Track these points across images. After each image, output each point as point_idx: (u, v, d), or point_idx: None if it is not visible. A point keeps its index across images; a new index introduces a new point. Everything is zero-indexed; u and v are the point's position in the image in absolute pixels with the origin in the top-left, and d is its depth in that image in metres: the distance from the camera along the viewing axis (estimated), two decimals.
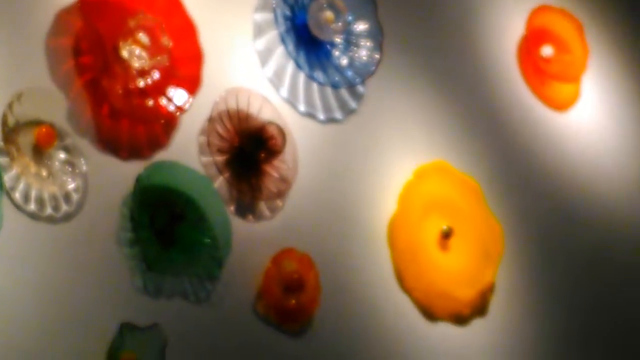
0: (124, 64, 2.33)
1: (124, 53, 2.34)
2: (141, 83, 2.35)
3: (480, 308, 2.83)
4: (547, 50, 3.11)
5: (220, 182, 2.45)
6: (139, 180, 2.29)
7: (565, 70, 3.15)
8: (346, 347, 2.60)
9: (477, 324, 2.81)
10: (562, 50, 3.15)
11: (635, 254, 3.27)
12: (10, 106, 2.14)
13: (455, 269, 2.79)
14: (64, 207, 2.22)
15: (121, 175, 2.31)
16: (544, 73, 3.10)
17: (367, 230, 2.70)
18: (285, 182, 2.53)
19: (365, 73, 2.71)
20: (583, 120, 3.23)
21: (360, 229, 2.69)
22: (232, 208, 2.46)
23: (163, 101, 2.38)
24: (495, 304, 2.86)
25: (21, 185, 2.18)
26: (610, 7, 3.43)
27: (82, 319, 2.20)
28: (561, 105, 3.15)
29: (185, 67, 2.43)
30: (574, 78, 3.18)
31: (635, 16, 3.49)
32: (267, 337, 2.46)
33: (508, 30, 3.14)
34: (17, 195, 2.16)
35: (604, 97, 3.33)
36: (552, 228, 3.08)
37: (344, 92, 2.72)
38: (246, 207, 2.49)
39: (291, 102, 2.62)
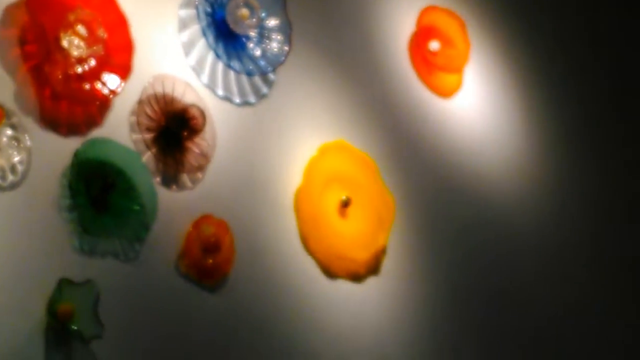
0: (64, 53, 2.33)
1: (64, 43, 2.34)
2: (79, 69, 2.35)
3: (374, 268, 2.85)
4: (434, 45, 3.11)
5: (148, 157, 2.46)
6: (76, 154, 2.31)
7: (449, 62, 3.16)
8: (257, 300, 2.61)
9: (371, 282, 2.83)
10: (447, 45, 3.15)
11: (506, 220, 3.28)
12: None
13: (353, 234, 2.80)
14: (10, 177, 2.23)
15: (61, 149, 2.32)
16: (431, 64, 3.11)
17: (276, 200, 2.71)
18: (205, 157, 2.55)
19: (275, 63, 2.71)
20: (465, 105, 3.23)
21: (270, 198, 2.70)
22: (158, 179, 2.47)
23: (98, 85, 2.39)
24: (387, 265, 2.88)
25: None
26: (489, 6, 3.42)
27: (25, 275, 2.22)
28: (446, 92, 3.16)
29: (118, 56, 2.43)
30: (457, 69, 3.18)
31: (512, 14, 3.47)
32: (187, 292, 2.49)
33: (401, 27, 3.13)
34: None
35: (484, 85, 3.34)
36: (436, 199, 3.09)
37: (257, 79, 2.73)
38: (170, 179, 2.51)
39: (211, 87, 2.63)
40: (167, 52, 2.59)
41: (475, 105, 3.27)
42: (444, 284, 3.04)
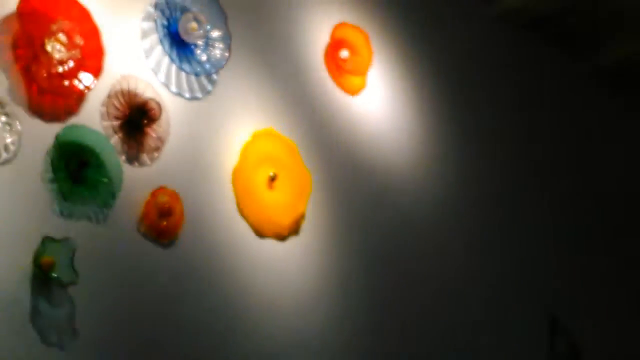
0: (48, 56, 2.38)
1: (48, 48, 2.39)
2: (60, 69, 2.40)
3: (294, 229, 2.86)
4: (344, 53, 3.10)
5: (115, 140, 2.50)
6: (57, 137, 2.36)
7: (356, 67, 3.14)
8: (201, 255, 2.65)
9: (292, 241, 2.86)
10: (354, 53, 3.14)
11: (403, 195, 3.25)
12: None
13: (278, 203, 2.83)
14: (4, 155, 2.29)
15: (45, 133, 2.36)
16: (342, 69, 3.10)
17: (218, 175, 2.73)
18: (161, 140, 2.60)
19: (218, 66, 2.75)
20: (369, 101, 3.20)
21: (212, 174, 2.72)
22: (123, 157, 2.51)
23: (75, 82, 2.43)
24: (306, 227, 2.89)
25: None
26: (389, 23, 3.33)
27: (15, 234, 2.27)
28: (353, 91, 3.14)
29: (92, 59, 2.47)
30: (362, 73, 3.16)
31: (407, 30, 3.38)
32: (146, 248, 2.52)
33: (318, 39, 3.10)
34: None
35: (385, 85, 3.27)
36: (347, 176, 3.07)
37: (203, 79, 2.74)
38: (133, 157, 2.54)
39: (166, 85, 2.65)
40: (131, 57, 2.61)
41: (376, 101, 3.24)
42: (352, 244, 3.03)
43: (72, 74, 2.42)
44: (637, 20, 3.65)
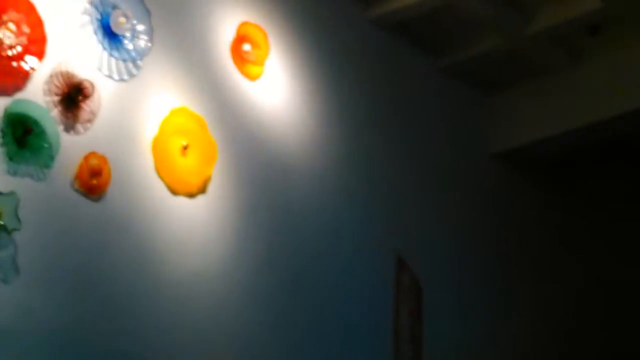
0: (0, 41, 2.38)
1: (0, 35, 2.38)
2: (9, 53, 2.41)
3: (202, 189, 2.87)
4: (246, 47, 3.11)
5: (55, 112, 2.53)
6: (6, 109, 2.40)
7: (256, 58, 3.14)
8: (126, 208, 2.66)
9: (200, 199, 2.86)
10: (254, 47, 3.13)
11: (294, 162, 3.21)
12: None
13: (189, 167, 2.85)
14: None
15: None
16: (244, 59, 3.11)
17: (140, 144, 2.74)
18: (93, 113, 2.63)
19: (142, 54, 2.77)
20: (266, 86, 3.19)
21: (136, 142, 2.74)
22: (61, 127, 2.53)
23: (22, 64, 2.44)
24: (212, 188, 2.88)
25: None
26: (284, 23, 3.29)
27: None
28: (253, 77, 3.14)
29: (36, 45, 2.48)
30: (260, 63, 3.16)
31: (299, 28, 3.32)
32: (79, 202, 2.53)
33: (225, 34, 3.09)
34: None
35: (279, 73, 3.25)
36: (248, 146, 3.06)
37: (130, 64, 2.74)
38: (70, 127, 2.56)
39: (99, 68, 2.67)
40: (70, 44, 2.62)
41: (272, 86, 3.24)
42: (250, 202, 3.04)
43: (19, 57, 2.43)
44: (482, 26, 3.73)
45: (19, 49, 2.41)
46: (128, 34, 2.73)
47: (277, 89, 3.27)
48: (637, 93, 3.74)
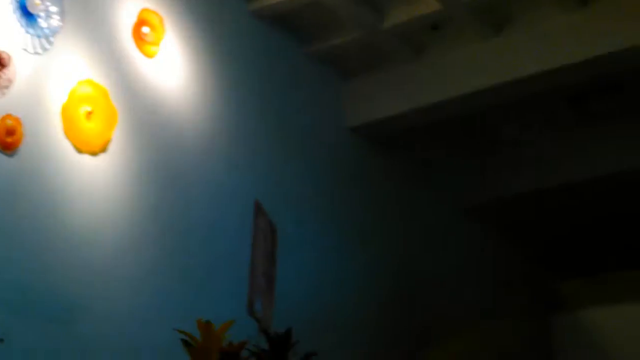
0: None
1: None
2: None
3: (104, 149, 2.91)
4: (145, 29, 3.14)
5: None
6: None
7: (153, 39, 3.17)
8: (38, 162, 2.67)
9: (102, 157, 2.90)
10: (152, 30, 3.17)
11: (183, 128, 3.20)
12: None
13: (93, 130, 2.89)
14: None
15: None
16: (143, 40, 3.15)
17: (50, 109, 2.76)
18: (9, 81, 2.66)
19: (54, 32, 2.80)
20: (162, 63, 3.21)
21: (46, 107, 2.75)
22: None
23: None
24: (112, 149, 2.91)
25: None
26: (178, 10, 3.30)
27: None
28: (150, 55, 3.17)
29: None
30: (157, 44, 3.19)
31: (190, 16, 3.31)
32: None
33: (127, 19, 3.11)
34: None
35: (172, 53, 3.27)
36: (144, 113, 3.03)
37: (43, 40, 2.76)
38: None
39: (16, 42, 2.69)
40: None
41: (167, 63, 3.28)
42: (144, 162, 3.06)
43: None
44: (344, 21, 3.88)
45: None
46: (42, 14, 2.75)
47: (170, 66, 3.30)
48: (467, 81, 4.01)
